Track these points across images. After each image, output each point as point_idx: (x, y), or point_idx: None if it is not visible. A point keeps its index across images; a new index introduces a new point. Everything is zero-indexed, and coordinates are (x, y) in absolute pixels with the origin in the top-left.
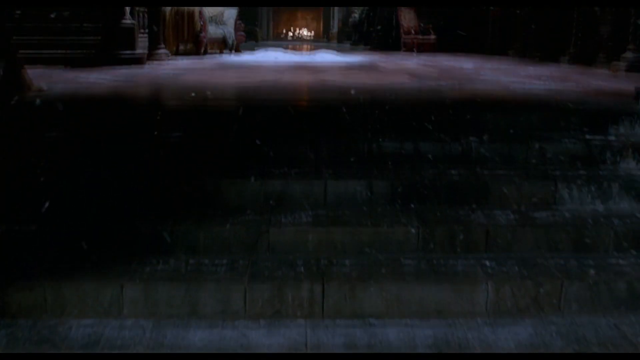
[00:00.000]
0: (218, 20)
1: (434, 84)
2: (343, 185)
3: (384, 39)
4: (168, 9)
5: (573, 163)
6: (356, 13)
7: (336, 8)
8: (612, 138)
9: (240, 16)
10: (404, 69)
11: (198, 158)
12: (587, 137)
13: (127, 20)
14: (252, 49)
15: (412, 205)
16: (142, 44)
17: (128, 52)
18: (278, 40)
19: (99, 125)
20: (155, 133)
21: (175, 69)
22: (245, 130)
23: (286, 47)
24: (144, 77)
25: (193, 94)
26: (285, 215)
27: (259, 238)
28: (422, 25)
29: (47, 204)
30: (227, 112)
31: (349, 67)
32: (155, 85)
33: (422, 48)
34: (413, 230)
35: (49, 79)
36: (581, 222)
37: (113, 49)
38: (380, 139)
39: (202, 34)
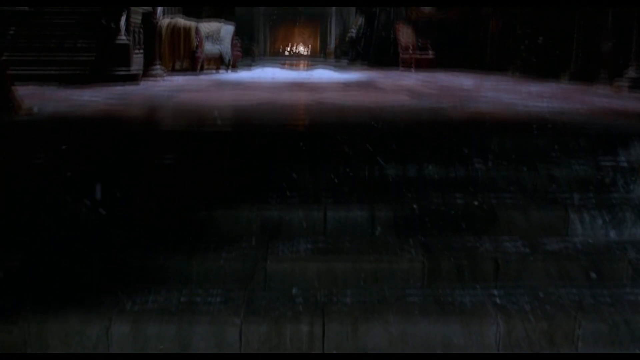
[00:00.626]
0: (214, 38)
1: (435, 104)
2: (344, 213)
3: (381, 55)
4: (164, 26)
5: (584, 188)
6: (353, 30)
7: (333, 24)
8: (624, 162)
9: (237, 33)
10: (403, 87)
11: (191, 184)
12: (598, 160)
13: (122, 38)
14: (249, 66)
15: (417, 234)
16: (137, 61)
17: (123, 69)
18: (275, 56)
19: (88, 150)
20: (147, 157)
21: (170, 87)
22: (241, 154)
23: (283, 64)
24: (137, 97)
25: (187, 115)
26: (282, 245)
27: (255, 270)
28: (419, 42)
29: (31, 235)
30: (222, 135)
31: (347, 85)
32: (148, 106)
33: (420, 65)
34: (418, 262)
35: (41, 98)
36: (594, 251)
37: (108, 67)
38: (382, 163)
39: (198, 52)
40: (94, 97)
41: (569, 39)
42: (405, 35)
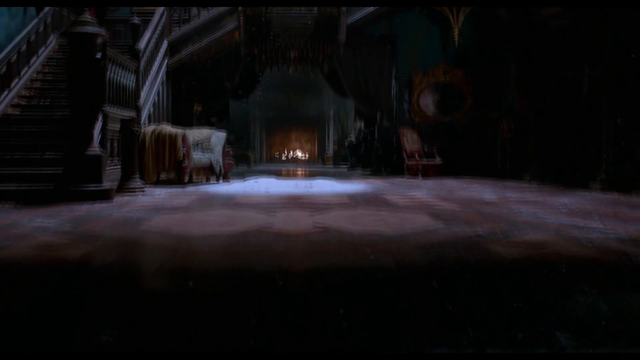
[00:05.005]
0: (204, 146)
1: (469, 231)
2: None
3: (384, 162)
4: (148, 133)
5: None
6: (353, 135)
7: (331, 128)
8: None
9: (230, 140)
10: (418, 202)
11: None
12: None
13: (94, 149)
14: (242, 175)
15: None
16: (113, 174)
17: (93, 185)
18: (272, 162)
19: None
20: (70, 336)
21: (145, 207)
22: (211, 337)
23: (279, 174)
24: (99, 222)
25: (146, 259)
26: None
27: None
28: (425, 148)
29: None
30: (181, 302)
31: (353, 200)
32: (105, 238)
33: (427, 172)
34: None
35: None
36: None
37: (76, 182)
38: (424, 342)
39: (186, 162)
40: (45, 224)
41: (595, 142)
42: (410, 140)
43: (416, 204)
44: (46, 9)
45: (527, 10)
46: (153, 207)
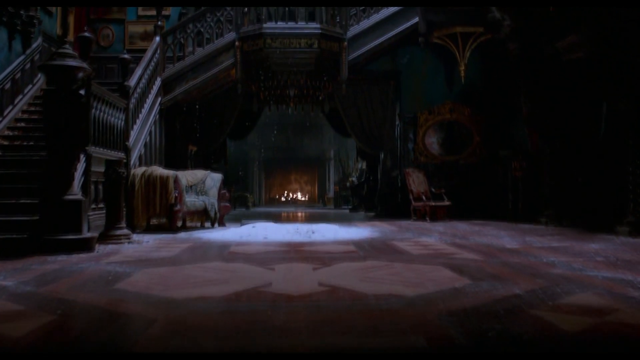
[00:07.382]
0: (199, 190)
1: (504, 290)
2: None
3: (388, 204)
4: (138, 176)
5: None
6: (354, 176)
7: (332, 169)
8: None
9: (226, 182)
10: (433, 251)
11: None
12: None
13: (74, 193)
14: (239, 220)
15: None
16: (98, 221)
17: (72, 234)
18: (271, 204)
19: None
20: None
21: (128, 259)
22: None
23: (278, 217)
24: (67, 282)
25: (111, 339)
26: None
27: None
28: (433, 189)
29: None
30: None
31: (361, 249)
32: (66, 306)
33: (435, 214)
34: None
35: None
36: None
37: (52, 231)
38: None
39: (178, 206)
40: (4, 282)
41: (618, 182)
42: (416, 181)
43: (432, 253)
44: (34, 45)
45: (538, 43)
46: (137, 259)
